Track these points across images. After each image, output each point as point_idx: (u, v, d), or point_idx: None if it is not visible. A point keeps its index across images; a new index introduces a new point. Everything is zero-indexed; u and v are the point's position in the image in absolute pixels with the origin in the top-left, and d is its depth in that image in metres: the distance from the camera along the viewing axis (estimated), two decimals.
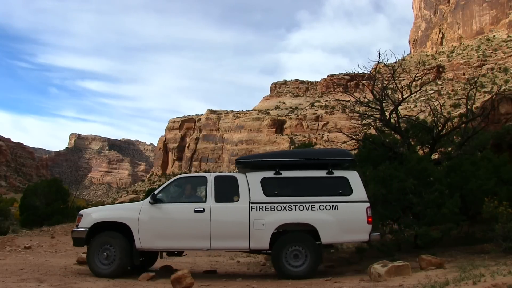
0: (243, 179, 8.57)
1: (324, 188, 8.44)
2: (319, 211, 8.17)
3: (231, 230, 8.21)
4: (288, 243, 8.12)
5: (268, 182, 8.46)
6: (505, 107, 16.96)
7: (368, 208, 8.32)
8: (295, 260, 8.08)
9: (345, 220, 8.21)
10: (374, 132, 13.69)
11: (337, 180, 8.49)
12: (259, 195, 8.32)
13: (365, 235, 8.30)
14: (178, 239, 8.33)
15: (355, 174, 8.62)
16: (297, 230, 8.26)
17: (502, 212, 8.80)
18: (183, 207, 8.45)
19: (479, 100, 28.47)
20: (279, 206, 8.21)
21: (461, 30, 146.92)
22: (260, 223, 8.11)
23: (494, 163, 10.91)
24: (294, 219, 8.19)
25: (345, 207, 8.27)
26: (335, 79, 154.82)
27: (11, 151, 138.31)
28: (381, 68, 13.68)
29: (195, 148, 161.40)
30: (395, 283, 6.63)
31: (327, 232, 8.12)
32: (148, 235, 8.29)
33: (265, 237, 8.11)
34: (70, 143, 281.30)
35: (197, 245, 8.46)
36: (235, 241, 8.25)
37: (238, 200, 8.36)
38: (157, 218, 8.36)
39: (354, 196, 8.36)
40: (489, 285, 5.67)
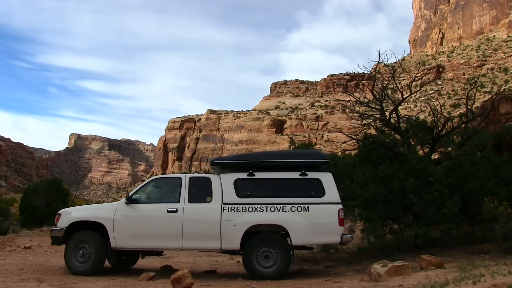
0: (217, 180, 8.67)
1: (296, 190, 8.46)
2: (290, 212, 8.20)
3: (203, 230, 8.32)
4: (258, 244, 8.16)
5: (242, 183, 8.54)
6: (505, 107, 16.96)
7: (340, 210, 8.28)
8: (266, 261, 8.12)
9: (316, 222, 8.21)
10: (374, 132, 13.69)
11: (310, 182, 8.48)
12: (231, 196, 8.41)
13: (337, 237, 8.26)
14: (151, 239, 8.47)
15: (328, 176, 8.59)
16: (268, 231, 8.27)
17: (502, 212, 8.80)
18: (157, 207, 8.58)
19: (479, 100, 28.47)
20: (250, 207, 8.27)
21: (461, 30, 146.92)
22: (231, 224, 8.19)
23: (494, 163, 10.91)
24: (265, 220, 8.23)
25: (317, 208, 8.26)
26: (335, 79, 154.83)
27: (11, 151, 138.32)
28: (381, 68, 13.68)
29: (195, 148, 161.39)
30: (395, 283, 6.63)
31: (297, 234, 8.14)
32: (123, 235, 8.45)
33: (236, 238, 8.18)
34: (70, 143, 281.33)
35: (169, 245, 8.56)
36: (206, 242, 8.36)
37: (210, 201, 8.47)
38: (132, 218, 8.51)
39: (326, 197, 8.34)
40: (489, 285, 5.67)
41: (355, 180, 10.83)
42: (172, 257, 13.51)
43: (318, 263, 11.00)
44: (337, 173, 11.76)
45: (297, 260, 11.86)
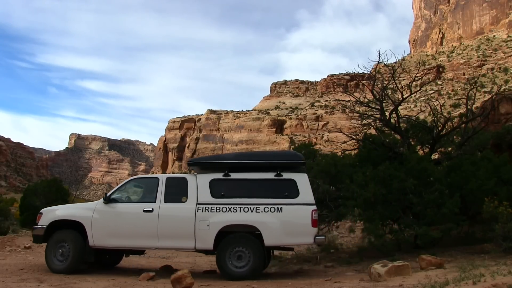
0: (193, 180, 8.75)
1: (271, 190, 8.49)
2: (264, 213, 8.22)
3: (177, 230, 8.41)
4: (231, 244, 8.20)
5: (217, 183, 8.61)
6: (505, 107, 16.97)
7: (314, 211, 8.24)
8: (238, 261, 8.15)
9: (289, 223, 8.20)
10: (374, 132, 13.69)
11: (285, 183, 8.50)
12: (206, 196, 8.49)
13: (310, 238, 8.23)
14: (128, 238, 8.59)
15: (303, 177, 8.58)
16: (241, 231, 8.29)
17: (502, 212, 8.80)
18: (134, 207, 8.75)
19: (479, 100, 28.47)
20: (224, 207, 8.33)
21: (461, 30, 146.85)
22: (205, 224, 8.26)
23: (494, 163, 10.90)
24: (238, 220, 8.27)
25: (290, 209, 8.25)
26: (335, 79, 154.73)
27: (11, 151, 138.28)
28: (381, 68, 13.68)
29: (195, 148, 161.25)
30: (395, 283, 6.63)
31: (270, 234, 8.14)
32: (101, 234, 8.61)
33: (210, 237, 8.24)
34: (70, 143, 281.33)
35: (145, 244, 8.69)
36: (181, 241, 8.44)
37: (185, 201, 8.55)
38: (109, 217, 8.68)
39: (300, 198, 8.32)
40: (489, 285, 5.67)
41: (355, 180, 10.84)
42: (172, 257, 13.52)
43: (318, 263, 11.00)
44: (337, 173, 11.79)
45: (297, 260, 11.88)
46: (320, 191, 11.38)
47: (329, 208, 11.56)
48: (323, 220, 12.00)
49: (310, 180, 11.43)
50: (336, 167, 11.83)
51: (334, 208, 11.40)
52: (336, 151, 14.57)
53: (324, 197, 11.44)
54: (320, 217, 12.06)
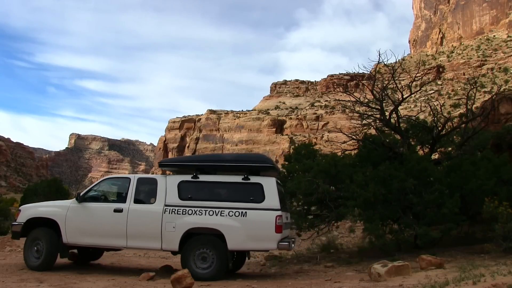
0: (162, 181, 8.77)
1: (237, 194, 8.48)
2: (228, 217, 8.19)
3: (145, 231, 8.48)
4: (196, 246, 8.23)
5: (185, 185, 8.64)
6: (505, 107, 16.97)
7: (278, 216, 8.12)
8: (202, 262, 8.19)
9: (252, 228, 8.15)
10: (374, 132, 13.69)
11: (251, 186, 8.44)
12: (174, 198, 8.52)
13: (273, 243, 8.14)
14: (99, 237, 8.76)
15: (271, 181, 8.50)
16: (207, 233, 8.30)
17: (502, 212, 8.80)
18: (105, 207, 8.88)
19: (479, 100, 28.47)
20: (190, 210, 8.35)
21: (461, 30, 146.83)
22: (171, 226, 8.31)
23: (494, 163, 10.91)
24: (203, 223, 8.28)
25: (254, 214, 8.19)
26: (335, 79, 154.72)
27: (11, 151, 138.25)
28: (381, 68, 13.67)
29: (195, 148, 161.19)
30: (395, 283, 6.63)
31: (233, 239, 8.13)
32: (74, 231, 8.82)
33: (175, 239, 8.28)
34: (70, 143, 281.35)
35: (115, 243, 8.82)
36: (148, 242, 8.53)
37: (154, 202, 8.61)
38: (82, 216, 8.86)
39: (265, 203, 8.25)
40: (489, 285, 5.67)
41: (355, 180, 10.83)
42: (172, 257, 13.51)
43: (318, 263, 11.00)
44: (337, 173, 11.78)
45: (297, 260, 11.88)
46: (320, 191, 11.37)
47: (329, 208, 11.56)
48: (323, 220, 12.00)
49: (310, 180, 11.46)
50: (336, 167, 11.82)
51: (334, 208, 11.39)
52: (336, 151, 14.56)
53: (324, 197, 11.43)
54: (320, 217, 12.09)
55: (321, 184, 11.43)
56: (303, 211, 12.83)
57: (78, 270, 9.14)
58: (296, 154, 16.00)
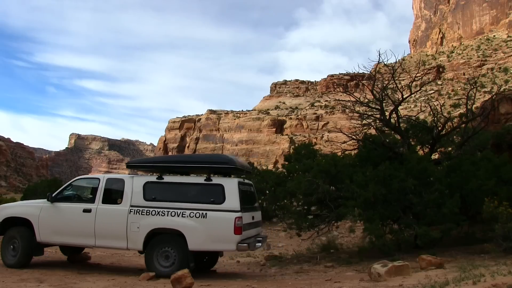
0: (129, 182, 8.91)
1: (199, 195, 8.58)
2: (189, 218, 8.30)
3: (112, 230, 8.70)
4: (159, 245, 8.41)
5: (150, 186, 8.79)
6: (505, 107, 16.96)
7: (237, 218, 8.15)
8: (165, 261, 8.36)
9: (212, 229, 8.24)
10: (374, 132, 13.69)
11: (213, 188, 8.52)
12: (139, 199, 8.67)
13: (232, 245, 8.19)
14: (69, 236, 9.03)
15: (233, 182, 8.54)
16: (169, 233, 8.44)
17: (502, 212, 8.79)
18: (75, 207, 9.10)
19: (479, 100, 28.47)
20: (153, 211, 8.49)
21: (461, 30, 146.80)
22: (135, 226, 8.49)
23: (494, 163, 10.90)
24: (165, 224, 8.42)
25: (214, 215, 8.27)
26: (335, 79, 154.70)
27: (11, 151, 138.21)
28: (381, 68, 13.68)
29: (195, 148, 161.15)
30: (395, 283, 6.63)
31: (194, 239, 8.23)
32: (46, 231, 9.10)
33: (139, 239, 8.47)
34: (70, 143, 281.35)
35: (84, 242, 9.11)
36: (115, 241, 8.73)
37: (120, 203, 8.79)
38: (54, 216, 9.12)
39: (225, 205, 8.31)
40: (489, 285, 5.67)
41: (355, 180, 10.83)
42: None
43: (318, 263, 11.00)
44: (337, 173, 11.79)
45: (297, 260, 11.88)
46: (320, 191, 11.37)
47: (329, 208, 11.56)
48: (323, 220, 12.01)
49: (310, 180, 11.46)
50: (336, 167, 11.83)
51: (334, 208, 11.39)
52: (336, 151, 14.57)
53: (324, 197, 11.44)
54: (320, 217, 12.09)
55: (321, 184, 11.43)
56: (303, 211, 12.84)
57: (78, 270, 9.14)
58: (296, 154, 16.02)
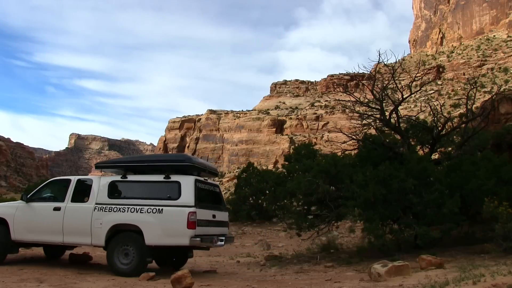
0: (97, 182, 9.43)
1: (157, 192, 8.98)
2: (146, 214, 8.65)
3: (78, 227, 9.15)
4: (119, 242, 8.73)
5: (115, 185, 9.32)
6: (505, 107, 16.96)
7: (191, 213, 8.45)
8: (125, 258, 8.65)
9: (167, 224, 8.57)
10: (374, 132, 13.68)
11: (170, 185, 8.88)
12: (103, 197, 9.15)
13: (185, 239, 8.44)
14: (41, 234, 9.49)
15: (189, 179, 8.87)
16: (129, 230, 8.75)
17: (502, 212, 8.79)
18: (46, 206, 9.61)
19: (479, 100, 28.46)
20: (115, 207, 8.93)
21: (461, 30, 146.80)
22: (98, 223, 8.92)
23: (494, 163, 10.90)
24: (124, 220, 8.80)
25: (169, 211, 8.61)
26: (335, 79, 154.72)
27: (11, 151, 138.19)
28: (381, 68, 13.68)
29: (195, 148, 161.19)
30: (395, 283, 6.63)
31: (150, 234, 8.55)
32: (21, 229, 9.59)
33: (102, 235, 8.86)
34: (70, 143, 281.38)
35: (54, 239, 9.47)
36: (81, 238, 9.16)
37: (87, 201, 9.27)
38: (28, 215, 9.64)
39: (180, 200, 8.64)
40: (489, 285, 5.67)
41: (355, 180, 10.83)
42: None
43: (318, 263, 11.00)
44: (337, 173, 11.78)
45: (297, 260, 11.88)
46: (320, 191, 11.37)
47: (329, 208, 11.56)
48: (323, 220, 12.00)
49: (310, 180, 11.46)
50: (336, 167, 11.82)
51: (334, 208, 11.39)
52: (336, 151, 14.56)
53: (324, 197, 11.43)
54: (320, 217, 12.09)
55: (321, 184, 11.43)
56: (303, 211, 12.84)
57: (78, 270, 9.15)
58: (296, 154, 16.02)
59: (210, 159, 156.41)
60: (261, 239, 17.99)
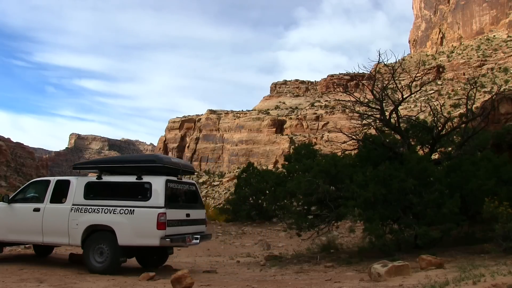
0: (74, 183, 9.59)
1: (130, 193, 9.18)
2: (118, 214, 8.82)
3: (56, 228, 9.35)
4: (95, 241, 8.95)
5: (91, 186, 9.47)
6: (505, 107, 16.95)
7: (160, 214, 8.55)
8: (99, 257, 8.87)
9: (138, 224, 8.70)
10: (374, 132, 13.68)
11: (142, 186, 9.02)
12: (80, 198, 9.33)
13: (155, 239, 8.55)
14: (22, 234, 9.73)
15: (160, 180, 8.95)
16: (104, 230, 8.93)
17: (502, 212, 8.79)
18: (27, 207, 9.82)
19: (479, 100, 28.45)
20: (90, 208, 9.10)
21: (461, 30, 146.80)
22: (75, 223, 9.12)
23: (494, 163, 10.89)
24: (99, 221, 8.98)
25: (140, 212, 8.74)
26: (335, 79, 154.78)
27: (11, 151, 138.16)
28: (381, 68, 13.67)
29: (195, 148, 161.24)
30: (395, 283, 6.63)
31: (122, 235, 8.72)
32: (3, 230, 9.84)
33: (78, 235, 9.07)
34: (70, 143, 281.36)
35: (34, 239, 9.74)
36: (59, 238, 9.37)
37: (65, 202, 9.46)
38: (10, 216, 9.87)
39: (150, 201, 8.76)
40: (489, 285, 5.67)
41: (355, 180, 10.83)
42: (172, 257, 13.51)
43: (318, 263, 11.00)
44: (337, 173, 11.78)
45: (297, 260, 11.87)
46: (320, 191, 11.37)
47: (329, 208, 11.55)
48: (323, 220, 12.00)
49: (310, 180, 11.46)
50: (336, 167, 11.82)
51: (334, 208, 11.38)
52: (336, 151, 14.56)
53: (324, 197, 11.43)
54: (320, 217, 12.08)
55: (321, 184, 11.42)
56: (303, 211, 12.83)
57: (78, 270, 9.15)
58: (296, 154, 16.02)
59: (210, 159, 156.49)
60: (261, 239, 17.98)
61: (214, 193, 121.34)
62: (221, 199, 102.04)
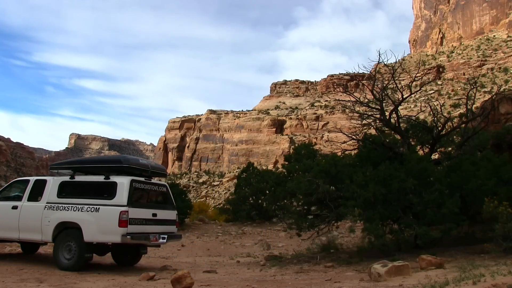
0: (50, 182, 9.99)
1: (97, 192, 9.50)
2: (85, 212, 9.15)
3: (31, 224, 9.74)
4: (63, 238, 9.27)
5: (64, 185, 9.86)
6: (505, 107, 16.95)
7: (122, 212, 8.86)
8: (68, 253, 9.18)
9: (102, 222, 9.00)
10: (374, 132, 13.68)
11: (108, 185, 9.32)
12: (53, 196, 9.72)
13: (117, 237, 8.83)
14: (2, 230, 10.10)
15: (125, 180, 9.28)
16: (73, 227, 9.23)
17: (502, 212, 8.79)
18: (6, 205, 10.24)
19: (479, 100, 28.46)
20: (61, 206, 9.49)
21: (461, 30, 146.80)
22: (47, 220, 9.50)
23: (494, 163, 10.89)
24: (67, 218, 9.35)
25: (104, 210, 9.06)
26: (335, 79, 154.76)
27: (11, 151, 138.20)
28: (381, 68, 13.67)
29: (195, 148, 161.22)
30: (395, 283, 6.63)
31: (88, 232, 9.03)
32: None
33: (49, 232, 9.42)
34: (70, 143, 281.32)
35: (12, 236, 10.13)
36: (33, 234, 9.73)
37: (40, 200, 9.83)
38: None
39: (114, 200, 9.06)
40: (489, 285, 5.67)
41: (355, 180, 10.82)
42: (172, 257, 13.52)
43: (318, 263, 11.00)
44: (337, 173, 11.78)
45: (297, 260, 11.88)
46: (320, 191, 11.36)
47: (329, 208, 11.55)
48: (323, 220, 11.99)
49: (310, 180, 11.46)
50: (336, 167, 11.82)
51: (334, 208, 11.38)
52: (336, 151, 14.55)
53: (324, 197, 11.43)
54: (320, 217, 12.08)
55: (321, 184, 11.42)
56: (303, 211, 12.83)
57: (78, 270, 9.14)
58: (296, 154, 16.02)
59: (210, 159, 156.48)
60: (261, 239, 17.99)
61: (214, 193, 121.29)
62: (221, 199, 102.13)
